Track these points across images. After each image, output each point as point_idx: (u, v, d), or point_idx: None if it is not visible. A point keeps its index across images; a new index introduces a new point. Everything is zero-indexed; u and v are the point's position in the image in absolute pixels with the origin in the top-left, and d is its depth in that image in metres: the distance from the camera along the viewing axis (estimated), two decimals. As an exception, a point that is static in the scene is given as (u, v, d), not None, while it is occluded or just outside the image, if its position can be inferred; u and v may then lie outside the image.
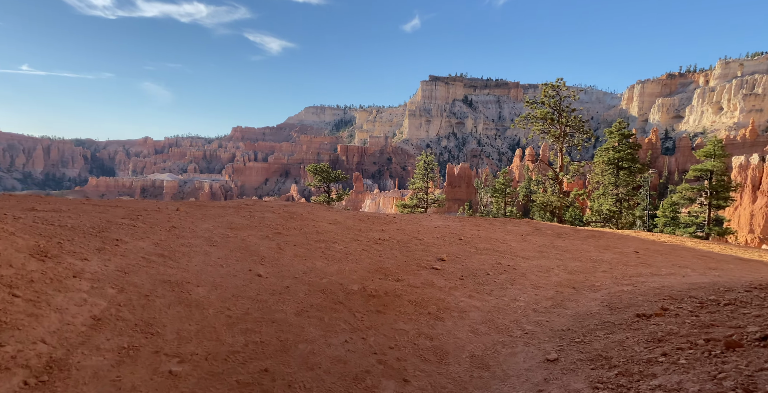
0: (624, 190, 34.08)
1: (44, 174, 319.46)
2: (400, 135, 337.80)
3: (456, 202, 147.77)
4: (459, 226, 10.06)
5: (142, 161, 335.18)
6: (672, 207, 46.10)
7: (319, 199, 36.98)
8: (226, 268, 5.04)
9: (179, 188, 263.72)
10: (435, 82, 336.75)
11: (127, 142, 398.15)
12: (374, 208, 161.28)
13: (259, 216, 8.77)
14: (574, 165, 34.04)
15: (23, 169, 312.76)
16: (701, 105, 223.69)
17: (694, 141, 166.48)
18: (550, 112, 32.61)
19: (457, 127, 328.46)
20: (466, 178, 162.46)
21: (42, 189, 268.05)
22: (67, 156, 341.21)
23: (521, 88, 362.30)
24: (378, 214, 10.98)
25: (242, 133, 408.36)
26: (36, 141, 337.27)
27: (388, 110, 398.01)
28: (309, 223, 8.85)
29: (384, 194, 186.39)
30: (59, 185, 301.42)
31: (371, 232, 8.71)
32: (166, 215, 7.21)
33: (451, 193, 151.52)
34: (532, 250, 7.96)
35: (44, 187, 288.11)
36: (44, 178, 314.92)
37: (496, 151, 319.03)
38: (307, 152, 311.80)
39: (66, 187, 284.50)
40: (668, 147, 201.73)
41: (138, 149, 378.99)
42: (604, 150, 35.31)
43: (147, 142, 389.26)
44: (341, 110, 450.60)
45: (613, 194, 34.11)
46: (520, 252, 7.74)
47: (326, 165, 39.26)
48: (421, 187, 40.47)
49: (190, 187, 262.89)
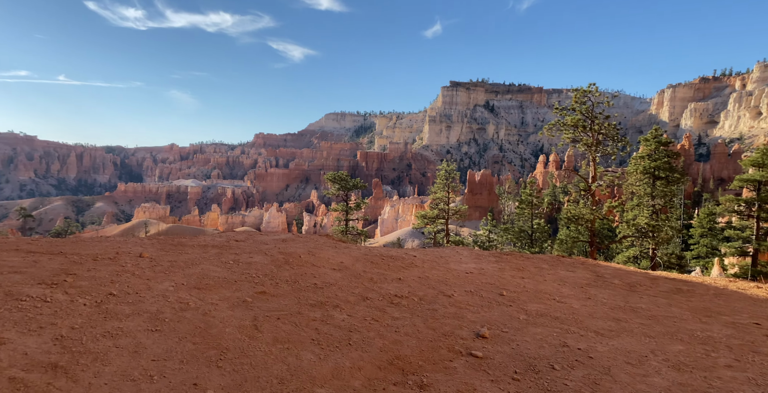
0: (661, 201, 31.10)
1: (77, 180, 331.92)
2: (419, 141, 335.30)
3: (477, 209, 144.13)
4: (497, 271, 7.98)
5: (168, 167, 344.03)
6: (709, 217, 42.38)
7: (337, 208, 35.47)
8: (156, 383, 3.22)
9: (203, 194, 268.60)
10: (456, 88, 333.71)
11: (154, 148, 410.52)
12: (393, 215, 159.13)
13: (245, 261, 6.97)
14: (608, 175, 31.25)
15: (58, 176, 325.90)
16: (738, 109, 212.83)
17: (730, 147, 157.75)
18: (581, 119, 30.02)
19: (478, 133, 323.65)
20: (487, 185, 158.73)
21: (75, 194, 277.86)
22: (98, 163, 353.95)
23: (545, 93, 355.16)
24: (395, 252, 9.02)
25: (264, 140, 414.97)
26: (70, 148, 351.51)
27: (408, 116, 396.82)
28: (307, 269, 7.00)
29: (403, 201, 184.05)
30: (90, 191, 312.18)
31: (386, 283, 6.78)
32: (116, 268, 5.51)
33: (472, 201, 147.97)
34: (603, 315, 5.84)
35: (77, 192, 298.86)
36: (77, 184, 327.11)
37: (519, 157, 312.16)
38: (327, 158, 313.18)
39: (97, 193, 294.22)
40: (701, 153, 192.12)
41: (164, 156, 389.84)
42: (638, 158, 32.53)
43: (173, 149, 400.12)
44: (361, 116, 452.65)
45: (649, 206, 31.20)
46: (589, 320, 5.64)
47: (345, 173, 37.92)
48: (442, 198, 38.40)
49: (213, 193, 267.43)
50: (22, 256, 5.45)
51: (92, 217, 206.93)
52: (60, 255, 5.82)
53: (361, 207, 37.88)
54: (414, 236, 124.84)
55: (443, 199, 38.02)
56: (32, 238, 6.76)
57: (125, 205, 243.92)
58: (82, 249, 6.33)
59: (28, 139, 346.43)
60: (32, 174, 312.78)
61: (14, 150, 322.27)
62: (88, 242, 6.91)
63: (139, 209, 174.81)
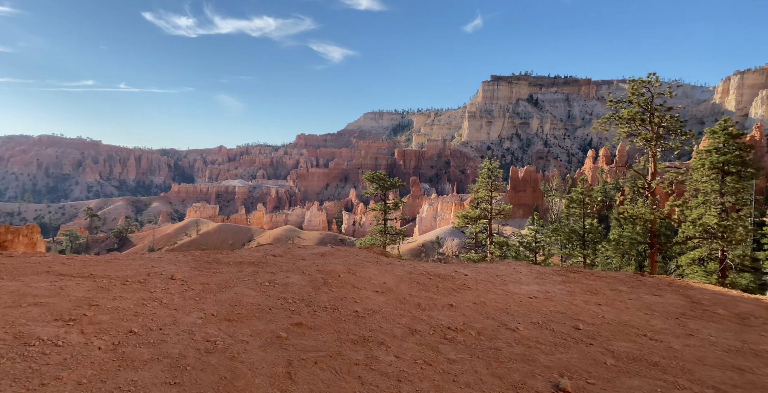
0: (732, 198, 27.79)
1: (136, 181, 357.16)
2: (459, 138, 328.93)
3: (520, 207, 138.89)
4: (566, 294, 6.82)
5: (217, 168, 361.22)
6: (787, 215, 37.56)
7: (375, 207, 35.05)
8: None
9: (249, 193, 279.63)
10: (497, 82, 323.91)
11: (204, 150, 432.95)
12: (432, 213, 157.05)
13: (281, 281, 6.38)
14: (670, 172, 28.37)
15: (119, 178, 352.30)
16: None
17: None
18: (639, 111, 27.44)
19: (520, 128, 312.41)
20: (531, 181, 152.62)
21: (134, 195, 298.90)
22: (154, 165, 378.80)
23: (593, 85, 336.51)
24: (442, 270, 8.06)
25: (305, 141, 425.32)
26: (129, 152, 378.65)
27: (446, 113, 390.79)
28: (347, 292, 6.28)
29: (442, 199, 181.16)
30: (148, 191, 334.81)
31: (436, 311, 5.91)
32: (143, 295, 5.06)
33: (515, 198, 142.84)
34: (717, 362, 4.58)
35: (136, 193, 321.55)
36: (136, 185, 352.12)
37: (565, 152, 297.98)
38: (365, 157, 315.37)
39: (153, 193, 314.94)
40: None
41: (213, 157, 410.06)
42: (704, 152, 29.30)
43: (221, 151, 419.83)
44: (399, 115, 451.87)
45: (717, 204, 27.98)
46: (700, 369, 4.42)
47: (383, 173, 37.43)
48: (485, 196, 36.82)
49: (258, 193, 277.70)
50: (51, 280, 5.16)
51: (149, 216, 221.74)
52: (89, 278, 5.50)
53: (400, 206, 37.20)
54: (453, 235, 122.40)
55: (485, 199, 36.48)
56: (68, 257, 6.59)
57: (178, 204, 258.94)
58: (114, 270, 6.01)
59: (93, 143, 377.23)
60: (97, 176, 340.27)
61: (82, 154, 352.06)
62: (121, 262, 6.62)
63: (191, 209, 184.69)
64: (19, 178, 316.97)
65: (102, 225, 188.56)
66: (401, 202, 37.70)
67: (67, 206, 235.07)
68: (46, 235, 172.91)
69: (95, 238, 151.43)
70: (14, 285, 4.75)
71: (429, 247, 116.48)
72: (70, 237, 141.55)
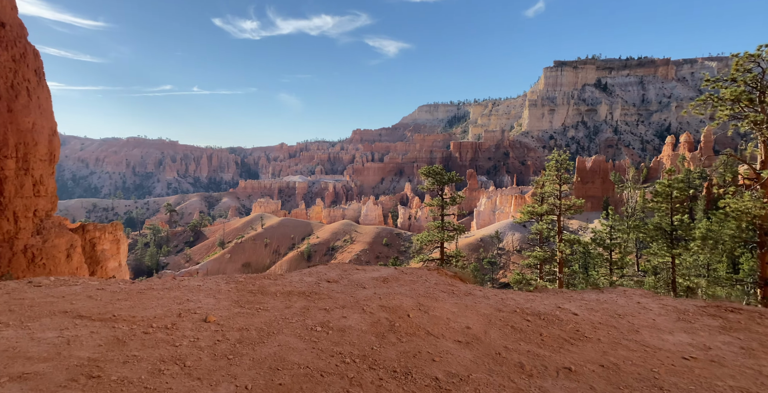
0: None
1: (208, 178, 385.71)
2: (518, 128, 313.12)
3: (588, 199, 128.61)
4: (742, 356, 4.63)
5: (279, 165, 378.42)
6: None
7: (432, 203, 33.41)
8: None
9: (308, 188, 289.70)
10: (561, 68, 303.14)
11: (267, 148, 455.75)
12: (490, 207, 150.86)
13: (336, 325, 5.01)
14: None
15: (194, 175, 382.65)
16: None
17: None
18: (745, 90, 22.86)
19: (587, 115, 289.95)
20: (600, 172, 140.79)
21: (206, 191, 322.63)
22: (223, 162, 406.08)
23: (672, 65, 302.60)
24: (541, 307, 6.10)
25: (361, 135, 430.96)
26: (202, 150, 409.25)
27: (504, 102, 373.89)
28: (421, 343, 4.77)
29: (501, 192, 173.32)
30: (218, 187, 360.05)
31: (549, 381, 4.18)
32: (162, 354, 3.92)
33: (582, 190, 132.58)
34: None
35: (208, 189, 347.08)
36: (208, 182, 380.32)
37: (638, 139, 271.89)
38: (420, 151, 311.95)
39: (223, 189, 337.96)
40: None
41: (275, 154, 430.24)
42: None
43: (282, 148, 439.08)
44: (454, 106, 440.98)
45: None
46: None
47: (439, 167, 35.31)
48: (553, 191, 33.45)
49: (317, 188, 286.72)
50: (63, 327, 4.26)
51: (220, 210, 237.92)
52: (109, 323, 4.54)
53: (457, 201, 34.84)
54: (514, 229, 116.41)
55: (554, 193, 33.14)
56: (99, 287, 5.77)
57: (245, 199, 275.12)
58: (144, 307, 5.04)
59: (171, 144, 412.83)
60: (175, 174, 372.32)
61: (162, 154, 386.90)
62: (156, 293, 5.67)
63: (256, 204, 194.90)
64: (111, 177, 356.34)
65: (180, 219, 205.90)
66: (459, 197, 35.34)
67: (151, 202, 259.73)
68: (134, 228, 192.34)
69: (174, 232, 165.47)
70: (14, 336, 3.87)
71: (488, 242, 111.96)
72: (153, 230, 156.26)
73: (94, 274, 21.60)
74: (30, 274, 13.22)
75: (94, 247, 22.24)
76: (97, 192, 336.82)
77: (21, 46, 14.13)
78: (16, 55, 13.65)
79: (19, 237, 13.14)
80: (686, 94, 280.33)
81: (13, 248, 12.82)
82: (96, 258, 22.26)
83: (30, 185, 13.70)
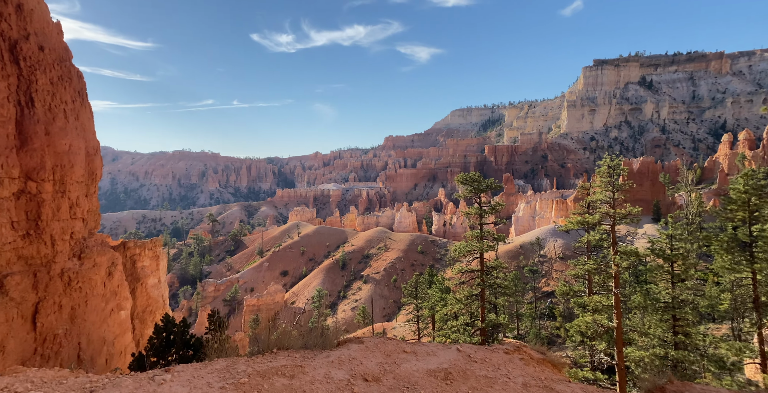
0: None
1: (247, 188, 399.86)
2: (556, 129, 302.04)
3: (637, 203, 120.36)
4: None
5: (314, 173, 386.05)
6: None
7: (470, 211, 31.62)
8: None
9: (342, 196, 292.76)
10: (601, 66, 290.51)
11: (302, 157, 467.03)
12: (529, 212, 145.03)
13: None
14: None
15: (234, 185, 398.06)
16: None
17: None
18: None
19: (630, 114, 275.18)
20: (649, 174, 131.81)
21: (246, 200, 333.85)
22: (261, 172, 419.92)
23: (727, 59, 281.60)
24: None
25: (393, 142, 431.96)
26: (241, 161, 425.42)
27: (541, 104, 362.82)
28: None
29: (540, 196, 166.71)
30: (257, 197, 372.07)
31: None
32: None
33: (629, 194, 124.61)
34: None
35: (247, 198, 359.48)
36: (247, 191, 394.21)
37: (689, 138, 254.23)
38: (454, 156, 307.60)
39: (261, 199, 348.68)
40: None
41: (310, 163, 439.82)
42: None
43: (317, 156, 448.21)
44: (488, 109, 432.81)
45: None
46: None
47: (476, 174, 33.34)
48: (605, 199, 30.65)
49: (351, 195, 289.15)
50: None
51: (259, 219, 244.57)
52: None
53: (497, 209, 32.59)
54: (555, 235, 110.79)
55: (606, 201, 30.35)
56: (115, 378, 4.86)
57: (282, 208, 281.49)
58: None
59: (213, 156, 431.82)
60: (217, 185, 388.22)
61: (205, 166, 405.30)
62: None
63: (293, 212, 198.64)
64: (159, 189, 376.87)
65: (221, 228, 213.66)
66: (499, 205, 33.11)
67: (195, 212, 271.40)
68: (179, 238, 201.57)
69: (216, 241, 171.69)
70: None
71: (528, 249, 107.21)
72: (197, 240, 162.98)
73: (134, 292, 21.81)
74: (66, 298, 13.17)
75: (135, 264, 22.51)
76: (146, 203, 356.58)
77: (59, 69, 14.37)
78: (54, 78, 13.84)
79: (56, 261, 13.16)
80: (743, 88, 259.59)
81: (50, 272, 12.82)
82: (136, 275, 22.51)
83: (66, 207, 13.77)
